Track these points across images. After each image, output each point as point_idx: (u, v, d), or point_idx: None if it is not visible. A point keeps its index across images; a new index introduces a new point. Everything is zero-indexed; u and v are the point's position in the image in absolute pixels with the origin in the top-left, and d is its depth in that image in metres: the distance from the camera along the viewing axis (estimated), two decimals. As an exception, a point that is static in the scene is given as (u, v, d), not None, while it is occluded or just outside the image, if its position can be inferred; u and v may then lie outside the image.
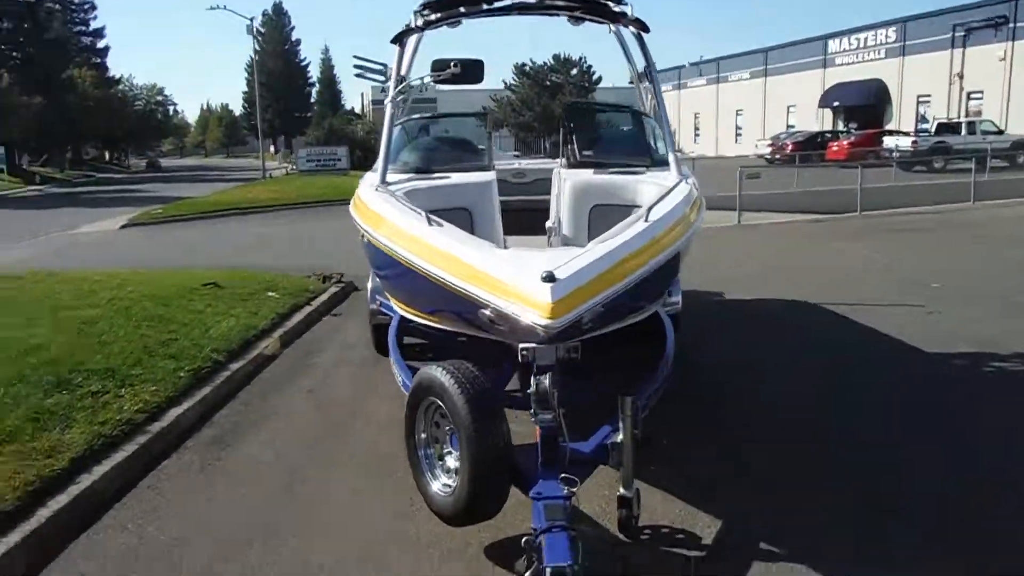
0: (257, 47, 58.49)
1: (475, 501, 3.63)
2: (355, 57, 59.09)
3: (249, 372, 7.02)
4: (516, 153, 39.73)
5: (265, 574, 3.78)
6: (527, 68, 55.68)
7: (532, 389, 3.47)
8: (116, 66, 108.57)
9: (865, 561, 3.76)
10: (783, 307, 9.21)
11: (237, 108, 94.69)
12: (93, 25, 66.63)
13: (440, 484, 3.91)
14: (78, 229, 21.24)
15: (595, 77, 56.05)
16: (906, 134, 35.52)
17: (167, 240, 18.54)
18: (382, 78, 7.83)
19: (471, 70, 5.89)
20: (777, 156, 38.40)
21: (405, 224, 4.60)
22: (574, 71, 55.77)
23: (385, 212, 4.89)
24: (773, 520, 4.13)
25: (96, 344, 6.65)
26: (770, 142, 42.82)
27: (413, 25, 6.03)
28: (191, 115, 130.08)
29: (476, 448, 3.53)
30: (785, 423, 5.56)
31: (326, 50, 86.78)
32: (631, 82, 7.18)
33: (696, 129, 63.56)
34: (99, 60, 66.01)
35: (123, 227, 21.39)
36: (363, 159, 42.08)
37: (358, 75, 77.40)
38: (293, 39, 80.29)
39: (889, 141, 33.46)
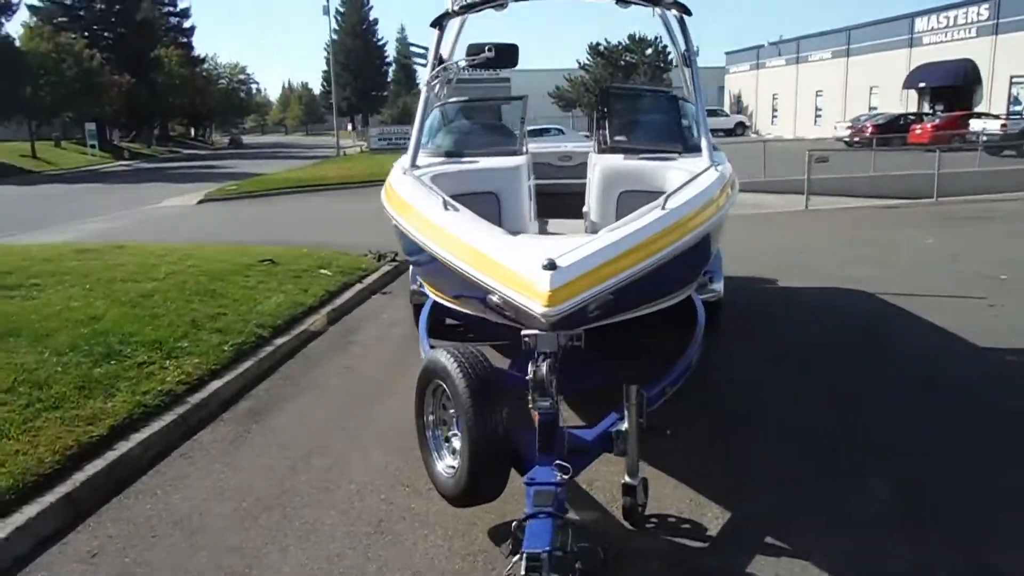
0: (336, 27, 59.54)
1: (474, 483, 3.70)
2: (400, 43, 59.23)
3: (293, 348, 7.24)
4: (585, 134, 39.50)
5: (277, 541, 3.92)
6: (601, 48, 55.08)
7: (529, 376, 3.49)
8: (201, 46, 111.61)
9: None
10: (835, 296, 8.97)
11: (317, 87, 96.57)
12: (180, 5, 68.90)
13: (444, 465, 3.99)
14: (160, 203, 22.15)
15: (669, 58, 55.05)
16: (996, 117, 33.84)
17: (237, 215, 19.11)
18: (423, 61, 7.89)
19: (505, 54, 5.89)
20: (856, 139, 37.04)
21: (424, 208, 4.68)
22: (648, 51, 54.91)
23: (409, 196, 4.97)
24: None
25: (148, 316, 6.95)
26: (849, 124, 41.36)
27: (451, 9, 6.06)
28: (273, 93, 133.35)
29: (474, 432, 3.59)
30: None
31: (402, 29, 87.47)
32: (676, 65, 7.13)
33: (774, 111, 61.81)
34: (185, 40, 68.04)
35: (200, 202, 22.17)
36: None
37: (401, 59, 78.09)
38: (371, 19, 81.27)
39: (976, 124, 31.93)
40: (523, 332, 3.60)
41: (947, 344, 7.00)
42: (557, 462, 3.52)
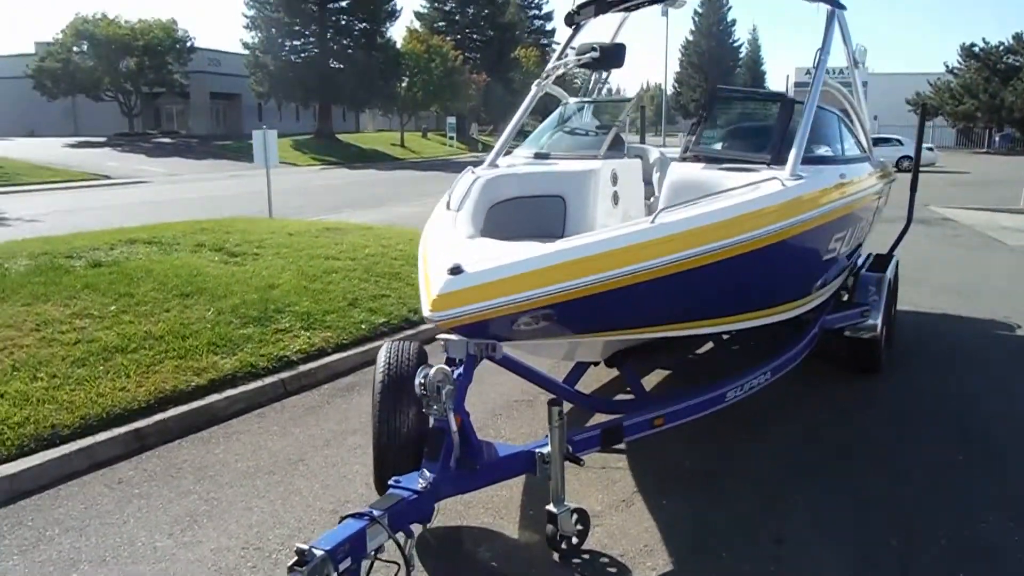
0: (692, 27, 59.33)
1: (378, 472, 3.80)
2: (749, 44, 56.49)
3: (431, 337, 7.62)
4: (929, 146, 35.09)
5: (244, 501, 4.31)
6: (977, 49, 48.23)
7: (419, 380, 3.46)
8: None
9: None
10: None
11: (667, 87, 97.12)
12: (545, 9, 73.63)
13: None
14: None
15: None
16: None
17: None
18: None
19: (611, 54, 5.71)
20: None
21: (437, 208, 4.78)
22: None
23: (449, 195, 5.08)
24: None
25: (316, 290, 7.79)
26: None
27: (573, 10, 5.97)
28: (632, 92, 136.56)
29: (375, 423, 3.77)
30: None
31: (753, 30, 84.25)
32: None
33: None
34: (546, 41, 72.62)
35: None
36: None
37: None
38: (728, 20, 79.82)
39: None
40: (437, 336, 3.60)
41: None
42: (421, 473, 3.45)
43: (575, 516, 3.78)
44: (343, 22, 48.30)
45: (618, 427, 4.16)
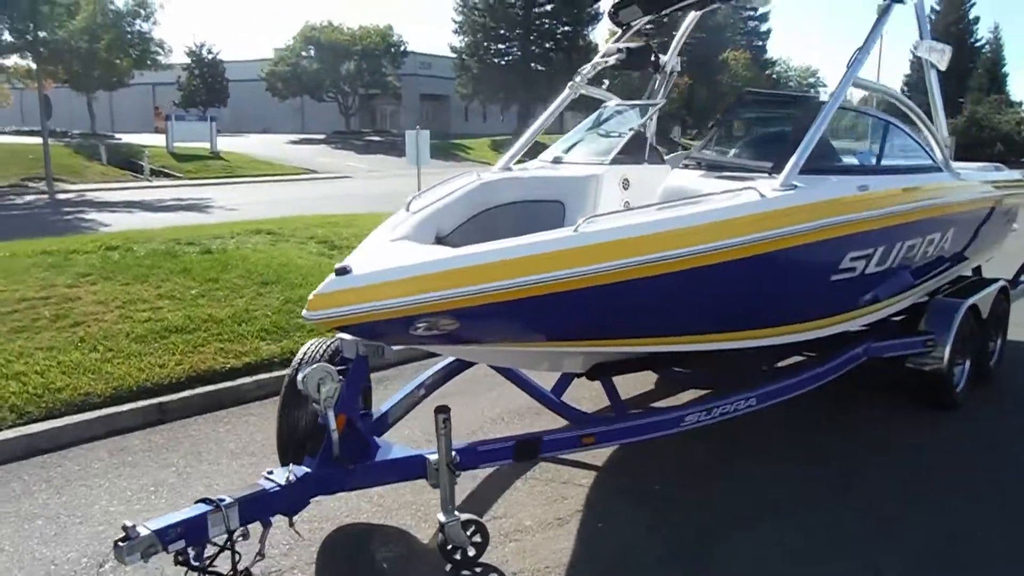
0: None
1: (282, 463, 3.97)
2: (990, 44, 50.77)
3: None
4: None
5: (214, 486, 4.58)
6: None
7: (299, 377, 3.53)
8: (776, 49, 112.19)
9: None
10: None
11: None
12: (761, 10, 70.55)
13: None
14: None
15: None
16: None
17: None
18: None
19: (636, 56, 5.50)
20: None
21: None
22: None
23: None
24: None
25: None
26: None
27: (610, 11, 5.78)
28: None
29: (277, 417, 3.95)
30: None
31: (995, 28, 75.38)
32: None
33: None
34: (760, 43, 69.78)
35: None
36: (1005, 153, 37.05)
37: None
38: (970, 17, 72.51)
39: None
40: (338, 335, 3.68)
41: None
42: (271, 470, 3.51)
43: (473, 528, 3.69)
44: (546, 25, 49.19)
45: (536, 441, 4.02)
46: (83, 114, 41.45)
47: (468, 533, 3.68)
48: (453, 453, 3.64)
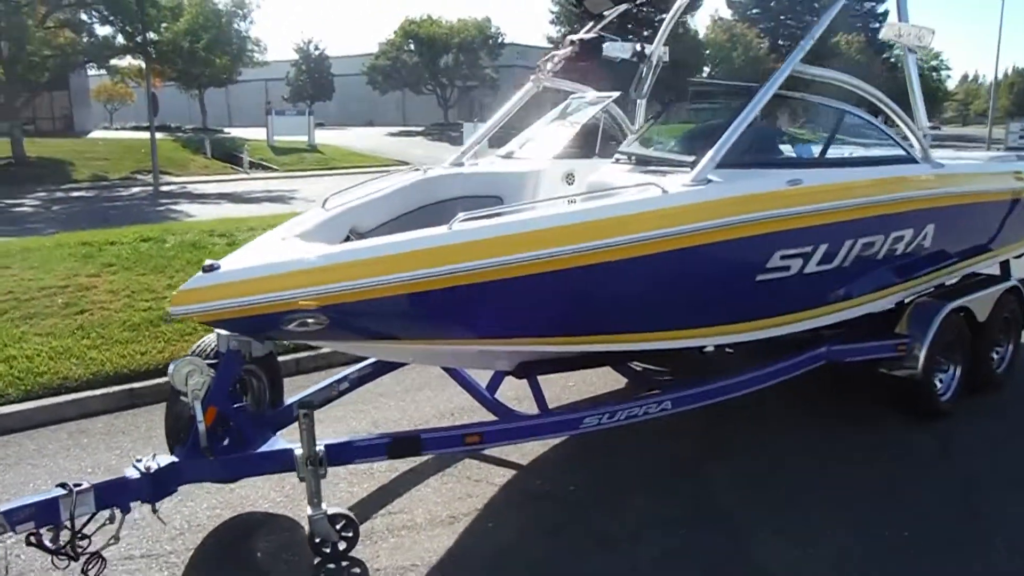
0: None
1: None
2: None
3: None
4: None
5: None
6: None
7: (169, 369, 3.67)
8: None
9: None
10: None
11: None
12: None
13: None
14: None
15: None
16: None
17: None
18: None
19: (587, 48, 5.42)
20: None
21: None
22: None
23: None
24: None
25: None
26: None
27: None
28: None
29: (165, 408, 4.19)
30: None
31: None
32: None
33: None
34: (876, 26, 66.21)
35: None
36: None
37: None
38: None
39: None
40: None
41: None
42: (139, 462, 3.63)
43: (342, 522, 3.73)
44: (643, 13, 48.32)
45: (415, 439, 4.01)
46: (198, 110, 43.79)
47: (338, 528, 3.73)
48: (322, 448, 3.70)
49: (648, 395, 4.47)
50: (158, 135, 27.35)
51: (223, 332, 3.84)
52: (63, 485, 3.39)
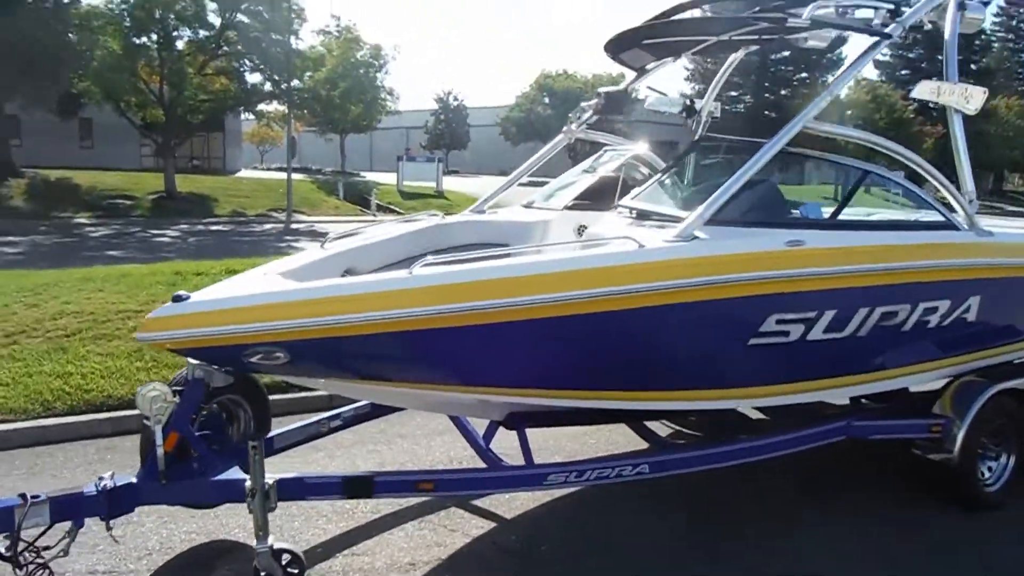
0: None
1: None
2: None
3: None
4: None
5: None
6: None
7: (138, 394, 3.84)
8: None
9: None
10: None
11: None
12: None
13: None
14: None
15: None
16: None
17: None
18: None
19: (614, 101, 5.43)
20: None
21: None
22: None
23: None
24: None
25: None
26: None
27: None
28: None
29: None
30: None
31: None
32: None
33: None
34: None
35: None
36: None
37: None
38: None
39: None
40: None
41: None
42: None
43: (287, 557, 3.77)
44: (781, 71, 47.56)
45: (367, 481, 4.02)
46: (338, 154, 46.35)
47: (283, 563, 3.77)
48: (271, 482, 3.77)
49: (624, 456, 4.32)
50: (297, 176, 29.12)
51: (192, 360, 4.01)
52: (23, 496, 3.60)
